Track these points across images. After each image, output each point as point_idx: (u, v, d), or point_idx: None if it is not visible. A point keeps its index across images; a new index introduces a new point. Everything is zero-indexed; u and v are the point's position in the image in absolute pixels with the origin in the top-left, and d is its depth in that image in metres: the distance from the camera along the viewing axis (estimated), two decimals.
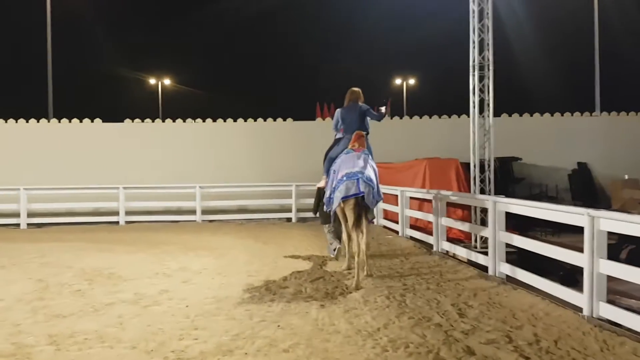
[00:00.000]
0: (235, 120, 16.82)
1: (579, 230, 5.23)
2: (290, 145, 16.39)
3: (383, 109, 7.56)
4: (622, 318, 4.67)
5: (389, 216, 12.91)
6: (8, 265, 8.31)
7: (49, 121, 16.60)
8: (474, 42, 10.28)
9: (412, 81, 43.51)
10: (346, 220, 7.08)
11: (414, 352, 4.28)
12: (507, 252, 6.97)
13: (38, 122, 16.16)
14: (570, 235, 11.38)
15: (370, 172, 6.78)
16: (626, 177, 14.29)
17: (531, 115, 16.79)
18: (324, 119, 17.06)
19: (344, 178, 6.71)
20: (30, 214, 14.51)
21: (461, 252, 8.25)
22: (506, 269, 6.73)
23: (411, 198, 10.95)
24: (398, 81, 43.35)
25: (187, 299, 6.08)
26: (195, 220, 14.85)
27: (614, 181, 14.59)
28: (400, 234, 10.89)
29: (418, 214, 10.74)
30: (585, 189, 15.64)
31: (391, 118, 17.12)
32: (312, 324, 5.06)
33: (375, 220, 12.85)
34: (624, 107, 17.20)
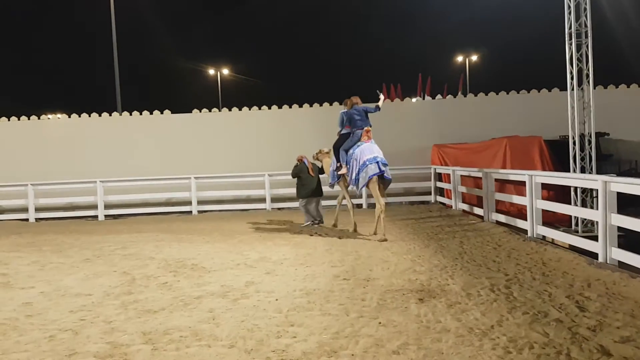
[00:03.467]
0: (300, 106, 16.51)
1: None
2: None
3: (381, 101, 9.68)
4: None
5: (467, 199, 12.28)
6: (92, 258, 8.38)
7: (120, 114, 16.88)
8: (569, 7, 9.41)
9: (474, 57, 41.95)
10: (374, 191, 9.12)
11: (542, 354, 3.81)
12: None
13: (110, 115, 16.46)
14: None
15: (382, 156, 9.04)
16: None
17: (617, 87, 15.52)
18: (392, 101, 16.48)
19: (367, 162, 8.95)
20: (107, 206, 14.85)
21: (562, 237, 7.58)
22: (619, 254, 6.07)
23: (496, 180, 10.27)
24: (460, 58, 41.96)
25: (275, 292, 5.84)
26: (265, 209, 14.74)
27: None
28: (485, 218, 10.25)
29: (507, 197, 10.05)
30: None
31: (461, 96, 16.34)
32: (415, 320, 4.66)
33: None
34: None
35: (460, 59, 41.73)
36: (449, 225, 10.24)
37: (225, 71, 43.73)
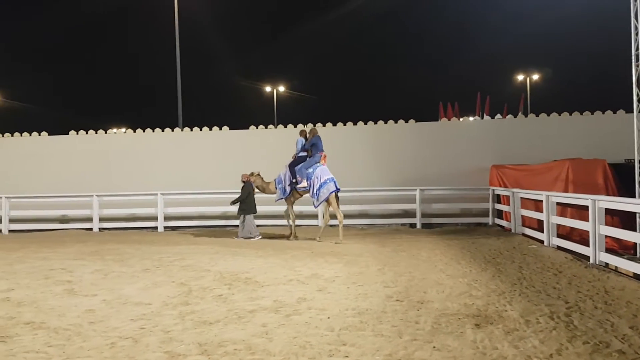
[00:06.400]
0: (355, 124, 16.58)
1: None
2: (414, 147, 15.80)
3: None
4: None
5: (527, 223, 11.91)
6: (152, 268, 8.67)
7: (182, 130, 17.48)
8: (636, 29, 9.09)
9: (535, 77, 40.95)
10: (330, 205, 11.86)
11: None
12: None
13: (172, 130, 17.07)
14: None
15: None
16: None
17: None
18: (449, 119, 16.30)
19: (327, 181, 11.59)
20: (166, 218, 15.33)
21: (626, 265, 7.24)
22: None
23: (558, 204, 9.93)
24: (520, 77, 41.04)
25: (327, 310, 5.86)
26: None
27: None
28: (545, 243, 9.93)
29: (568, 222, 9.70)
30: None
31: (521, 116, 15.94)
32: (471, 346, 4.57)
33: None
34: None
35: (520, 77, 40.86)
36: (508, 249, 9.97)
37: (282, 88, 44.55)
